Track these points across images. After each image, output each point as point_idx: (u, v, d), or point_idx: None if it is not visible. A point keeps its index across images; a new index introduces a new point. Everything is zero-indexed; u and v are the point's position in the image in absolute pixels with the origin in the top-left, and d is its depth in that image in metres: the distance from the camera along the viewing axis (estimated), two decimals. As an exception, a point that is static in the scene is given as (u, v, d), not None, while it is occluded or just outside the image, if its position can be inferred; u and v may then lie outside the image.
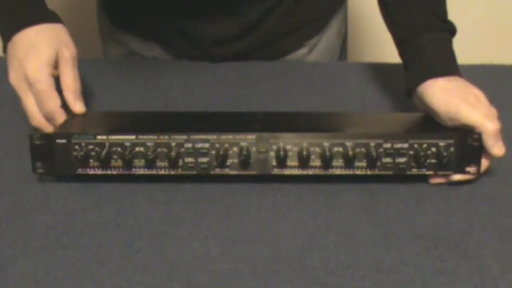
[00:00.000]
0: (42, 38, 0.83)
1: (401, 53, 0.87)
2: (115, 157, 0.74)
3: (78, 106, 0.83)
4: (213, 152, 0.74)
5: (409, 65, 0.85)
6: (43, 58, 0.81)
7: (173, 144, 0.74)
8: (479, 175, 0.76)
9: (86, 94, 0.87)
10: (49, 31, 0.84)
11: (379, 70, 1.05)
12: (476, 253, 0.66)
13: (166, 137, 0.74)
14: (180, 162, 0.74)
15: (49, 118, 0.80)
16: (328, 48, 1.12)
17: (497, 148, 0.75)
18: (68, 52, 0.83)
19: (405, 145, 0.74)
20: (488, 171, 0.77)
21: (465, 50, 0.83)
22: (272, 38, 1.06)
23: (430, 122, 0.80)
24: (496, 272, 0.64)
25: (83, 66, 0.87)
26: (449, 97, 0.77)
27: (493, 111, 0.77)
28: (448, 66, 0.82)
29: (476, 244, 0.67)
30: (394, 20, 0.89)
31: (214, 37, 1.03)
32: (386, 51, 0.95)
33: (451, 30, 0.85)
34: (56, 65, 0.83)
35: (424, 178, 0.77)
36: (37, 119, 0.81)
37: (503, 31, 1.68)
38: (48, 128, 0.80)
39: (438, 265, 0.64)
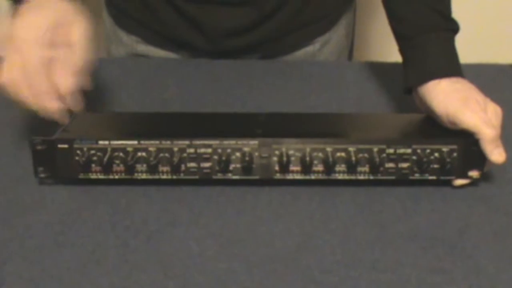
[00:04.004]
0: None
1: (402, 49, 0.86)
2: (117, 162, 0.74)
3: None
4: (215, 157, 0.74)
5: (410, 64, 0.84)
6: None
7: (176, 149, 0.73)
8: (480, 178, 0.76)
9: (86, 93, 0.86)
10: None
11: (378, 70, 1.05)
12: (472, 252, 0.66)
13: (168, 142, 0.73)
14: (183, 167, 0.74)
15: None
16: (338, 48, 1.12)
17: (496, 155, 0.73)
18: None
19: (408, 151, 0.73)
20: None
21: (461, 49, 0.83)
22: (284, 31, 1.05)
23: (433, 126, 0.79)
24: (492, 271, 0.64)
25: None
26: (449, 100, 0.76)
27: (495, 115, 0.75)
28: (450, 68, 0.80)
29: (472, 244, 0.67)
30: (397, 14, 0.87)
31: (227, 28, 1.02)
32: (392, 56, 0.94)
33: (455, 28, 0.84)
34: None
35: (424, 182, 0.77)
36: None
37: (499, 31, 1.68)
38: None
39: (434, 264, 0.64)
